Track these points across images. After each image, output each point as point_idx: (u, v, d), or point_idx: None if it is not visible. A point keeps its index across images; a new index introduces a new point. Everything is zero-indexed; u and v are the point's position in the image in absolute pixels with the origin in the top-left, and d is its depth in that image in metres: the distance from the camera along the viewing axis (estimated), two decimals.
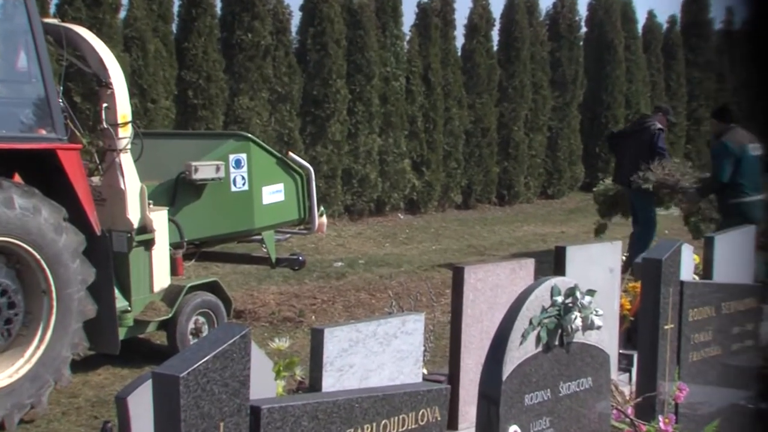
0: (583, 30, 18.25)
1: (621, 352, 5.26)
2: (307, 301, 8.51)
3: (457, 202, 15.54)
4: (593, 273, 4.69)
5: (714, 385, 4.60)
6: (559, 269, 4.58)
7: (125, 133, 6.15)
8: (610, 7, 18.34)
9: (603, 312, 3.54)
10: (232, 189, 6.85)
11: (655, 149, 9.37)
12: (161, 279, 6.38)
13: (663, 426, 4.02)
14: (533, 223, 14.55)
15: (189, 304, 6.45)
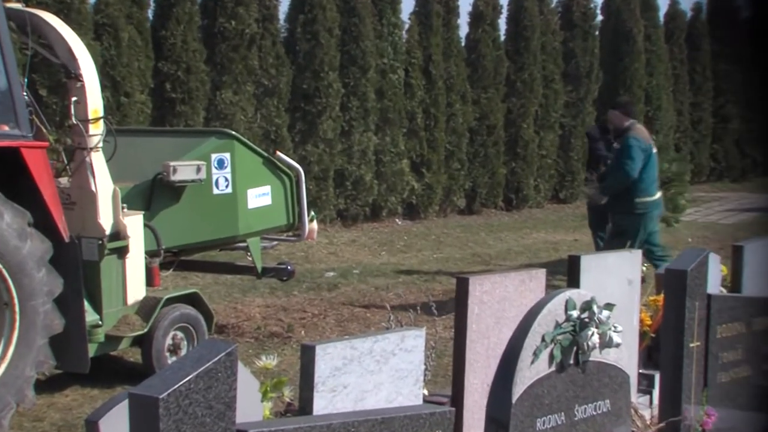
0: (599, 18, 18.29)
1: (641, 372, 5.27)
2: (296, 314, 8.51)
3: (460, 207, 15.57)
4: (610, 285, 4.69)
5: (745, 409, 4.61)
6: (573, 281, 4.59)
7: (96, 130, 6.15)
8: None
9: (622, 328, 3.55)
10: (215, 192, 6.86)
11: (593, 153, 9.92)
12: (136, 290, 6.38)
13: None
14: (544, 230, 14.57)
15: (166, 318, 6.44)
